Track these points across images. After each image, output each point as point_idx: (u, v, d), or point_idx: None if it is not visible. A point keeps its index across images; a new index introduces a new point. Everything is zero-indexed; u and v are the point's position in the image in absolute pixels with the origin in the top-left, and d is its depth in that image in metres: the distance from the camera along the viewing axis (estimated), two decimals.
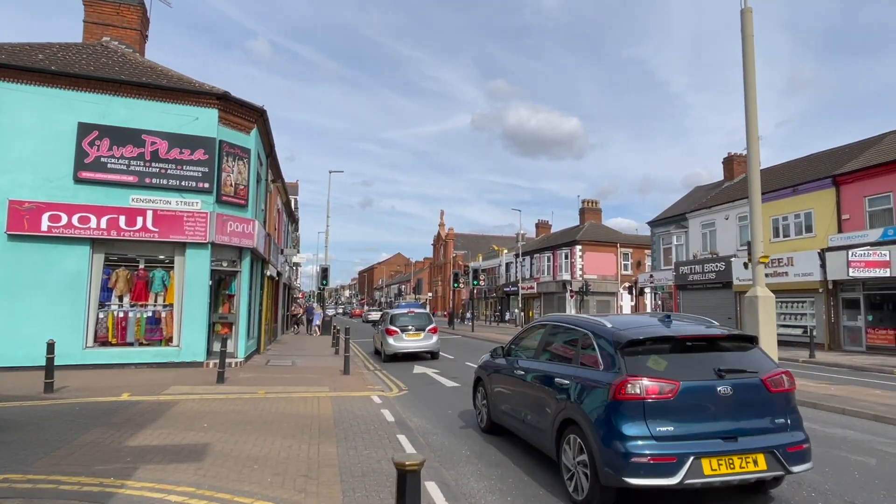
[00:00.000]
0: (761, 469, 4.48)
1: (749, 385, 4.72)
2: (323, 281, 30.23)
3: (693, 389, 4.57)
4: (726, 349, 5.09)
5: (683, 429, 4.49)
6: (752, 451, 4.48)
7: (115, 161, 13.01)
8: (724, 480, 4.42)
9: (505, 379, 6.98)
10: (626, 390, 4.54)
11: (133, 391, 9.93)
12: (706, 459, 4.37)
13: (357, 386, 11.39)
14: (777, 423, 4.71)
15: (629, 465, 4.35)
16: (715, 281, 28.90)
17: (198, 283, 13.53)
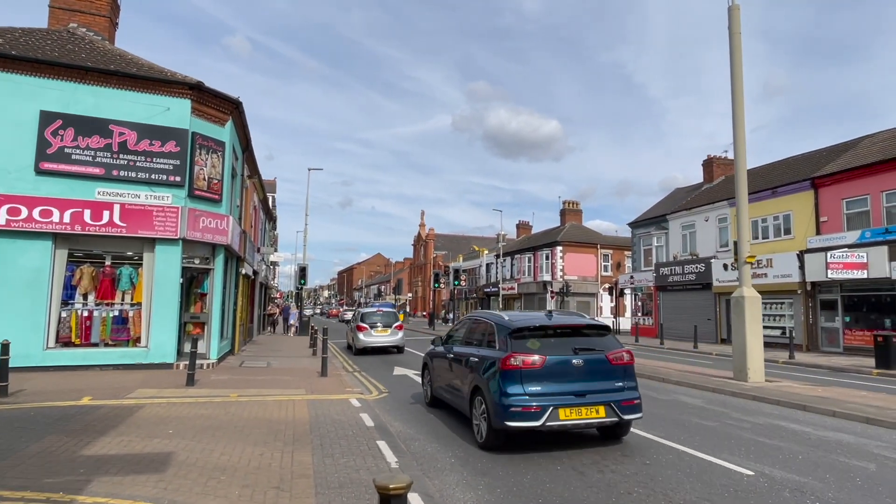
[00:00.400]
0: (602, 416, 6.46)
1: (596, 359, 6.69)
2: (301, 280, 29.57)
3: (555, 361, 6.55)
4: (587, 335, 7.08)
5: (547, 388, 6.42)
6: (596, 404, 6.43)
7: (79, 152, 12.35)
8: (575, 424, 6.42)
9: (441, 361, 8.90)
10: (510, 363, 6.51)
11: (95, 395, 9.34)
12: (562, 409, 6.31)
13: (335, 388, 10.94)
14: (616, 385, 6.67)
15: (508, 413, 6.28)
16: (695, 282, 29.00)
17: (168, 281, 12.93)
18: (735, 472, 5.72)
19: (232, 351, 17.12)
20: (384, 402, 10.07)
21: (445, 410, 9.11)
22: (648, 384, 12.21)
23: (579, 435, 7.38)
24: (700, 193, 32.74)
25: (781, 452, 6.51)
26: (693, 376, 12.83)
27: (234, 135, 15.58)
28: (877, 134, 24.93)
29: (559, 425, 6.31)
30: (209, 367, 13.48)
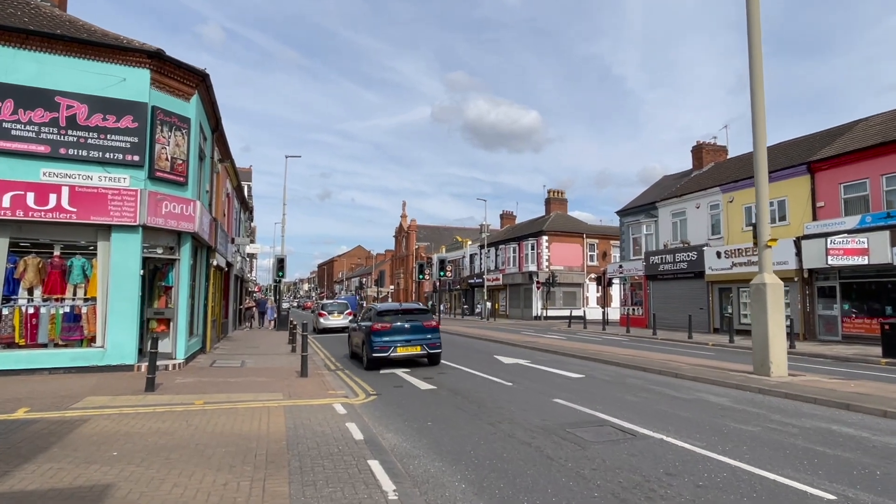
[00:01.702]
0: (420, 351, 13.38)
1: (417, 324, 13.53)
2: (279, 273, 28.12)
3: (396, 326, 13.34)
4: (415, 312, 14.17)
5: (391, 338, 13.13)
6: (416, 345, 13.32)
7: (20, 127, 10.85)
8: (406, 355, 13.30)
9: (355, 332, 15.59)
10: (375, 327, 13.29)
11: (34, 405, 7.99)
12: (399, 347, 13.12)
13: (316, 391, 9.72)
14: (427, 337, 13.46)
15: (374, 350, 13.02)
16: (686, 271, 28.27)
17: (126, 273, 11.53)
18: (813, 496, 4.67)
19: (203, 349, 15.75)
20: (373, 407, 8.88)
21: (445, 418, 7.98)
22: (664, 381, 11.23)
23: None
24: (690, 180, 32.02)
25: (852, 466, 5.50)
26: (708, 371, 11.87)
27: (202, 111, 14.14)
28: (871, 117, 24.35)
29: (397, 356, 13.27)
30: (175, 369, 12.14)
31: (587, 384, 10.77)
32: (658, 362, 13.48)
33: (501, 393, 9.89)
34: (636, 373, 12.36)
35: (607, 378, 11.56)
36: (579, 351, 16.55)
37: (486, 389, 10.31)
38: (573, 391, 9.96)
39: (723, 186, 27.06)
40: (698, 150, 33.38)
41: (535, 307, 44.33)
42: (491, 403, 8.91)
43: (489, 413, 8.18)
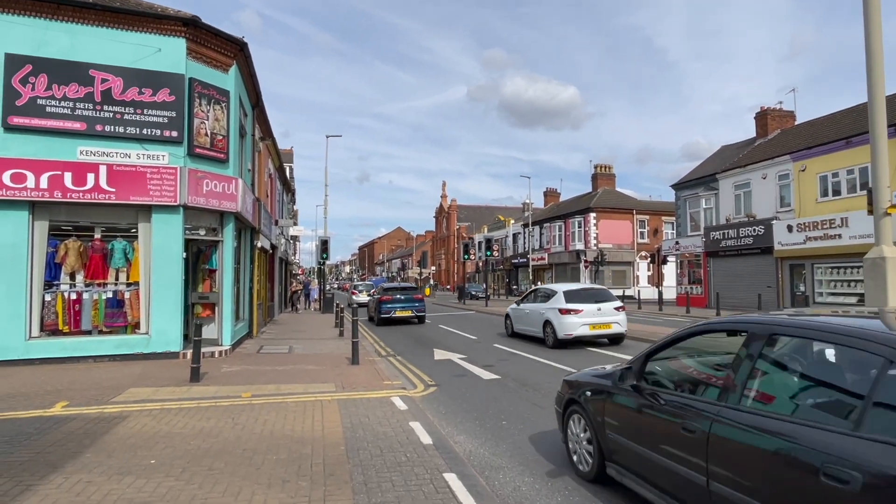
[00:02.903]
0: (411, 314, 21.57)
1: (409, 296, 22.04)
2: (323, 254, 27.61)
3: (395, 297, 21.85)
4: (409, 289, 23.07)
5: (392, 305, 21.44)
6: (408, 309, 21.51)
7: (55, 103, 10.28)
8: (401, 316, 21.45)
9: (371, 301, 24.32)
10: (382, 298, 21.78)
11: (73, 399, 7.42)
12: (398, 311, 21.42)
13: (370, 381, 8.90)
14: (415, 305, 21.76)
15: (381, 312, 21.36)
16: (752, 246, 26.32)
17: (169, 256, 10.95)
18: None
19: (250, 334, 15.25)
20: (435, 401, 7.98)
21: (520, 416, 7.01)
22: None
23: None
24: (754, 149, 29.75)
25: None
26: None
27: (241, 84, 13.37)
28: None
29: (396, 316, 21.23)
30: (222, 356, 11.57)
31: None
32: None
33: None
34: None
35: None
36: (649, 335, 15.26)
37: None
38: None
39: (794, 154, 24.88)
40: (762, 117, 30.94)
41: None
42: None
43: None
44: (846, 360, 2.98)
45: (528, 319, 15.07)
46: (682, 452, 3.41)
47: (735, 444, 3.04)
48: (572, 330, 13.12)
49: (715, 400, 3.31)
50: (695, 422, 3.33)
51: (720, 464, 3.10)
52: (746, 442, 2.97)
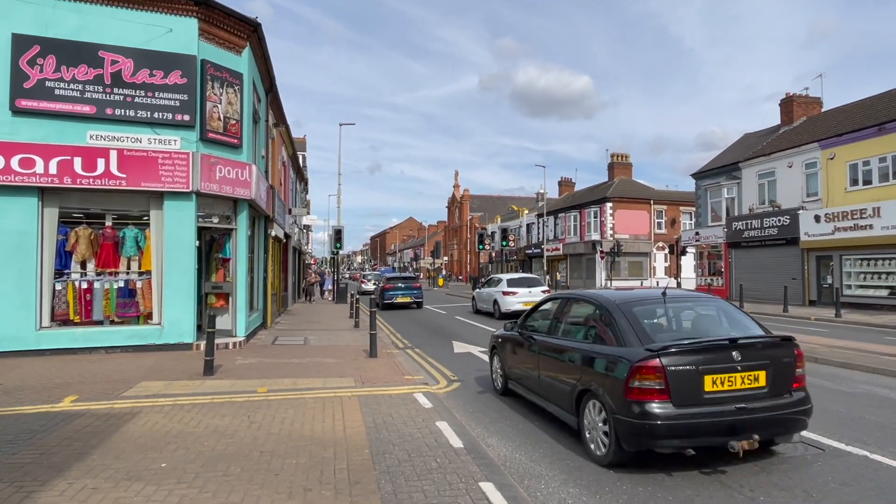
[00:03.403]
0: (410, 300, 24.45)
1: (409, 285, 25.16)
2: (336, 244, 27.29)
3: (397, 285, 24.97)
4: (408, 278, 26.40)
5: (394, 292, 24.49)
6: (408, 296, 24.51)
7: (64, 86, 9.93)
8: (402, 301, 24.29)
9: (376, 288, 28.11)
10: (385, 286, 25.14)
11: (83, 393, 7.11)
12: (399, 297, 24.34)
13: (390, 375, 8.51)
14: (414, 292, 24.76)
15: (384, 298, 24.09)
16: (777, 237, 25.57)
17: (181, 244, 10.61)
18: None
19: (264, 325, 14.94)
20: (460, 398, 7.57)
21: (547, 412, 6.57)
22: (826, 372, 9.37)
23: None
24: (778, 137, 28.86)
25: None
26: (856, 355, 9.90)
27: (254, 67, 12.95)
28: None
29: (397, 301, 24.06)
30: (236, 347, 11.25)
31: None
32: None
33: None
34: None
35: None
36: None
37: None
38: None
39: (822, 142, 24.03)
40: (788, 104, 29.98)
41: (599, 278, 42.14)
42: None
43: None
44: (602, 311, 5.47)
45: (484, 299, 20.94)
46: (531, 363, 6.44)
47: (548, 354, 6.03)
48: (511, 306, 18.41)
49: (545, 333, 6.37)
50: (535, 345, 6.40)
51: (543, 364, 6.11)
52: (552, 352, 5.96)
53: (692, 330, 5.43)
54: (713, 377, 4.49)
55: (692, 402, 4.45)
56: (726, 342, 4.66)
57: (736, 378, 4.53)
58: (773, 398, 4.61)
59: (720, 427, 4.40)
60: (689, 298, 6.09)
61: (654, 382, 4.43)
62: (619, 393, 4.58)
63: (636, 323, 4.97)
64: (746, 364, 4.56)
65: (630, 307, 5.22)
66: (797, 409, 4.66)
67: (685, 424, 4.39)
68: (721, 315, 5.48)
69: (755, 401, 4.51)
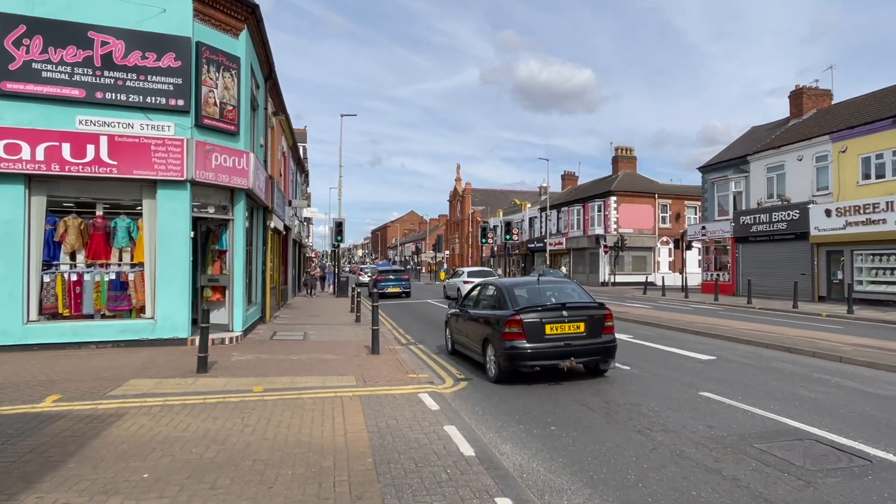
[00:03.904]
0: (399, 290, 28.08)
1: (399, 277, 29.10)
2: (338, 237, 26.82)
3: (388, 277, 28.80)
4: (398, 271, 31.43)
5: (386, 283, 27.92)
6: (397, 286, 28.12)
7: (52, 68, 9.45)
8: (392, 291, 27.70)
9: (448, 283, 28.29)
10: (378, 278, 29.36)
11: (67, 392, 6.68)
12: (390, 288, 27.64)
13: (394, 374, 8.08)
14: (403, 283, 28.55)
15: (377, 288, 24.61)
16: (785, 231, 25.09)
17: (175, 235, 10.16)
18: None
19: (263, 319, 14.52)
20: (468, 398, 7.13)
21: (571, 419, 6.13)
22: (829, 367, 8.80)
23: None
24: (788, 130, 28.32)
25: None
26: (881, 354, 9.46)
27: (252, 52, 12.45)
28: None
29: (388, 291, 27.07)
30: (233, 342, 10.83)
31: (727, 370, 8.65)
32: (802, 341, 11.10)
33: (624, 381, 7.94)
34: (781, 354, 10.08)
35: (748, 361, 9.38)
36: (685, 324, 14.31)
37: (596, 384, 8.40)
38: (716, 380, 7.89)
39: (833, 134, 23.50)
40: (797, 96, 29.43)
41: (603, 273, 41.71)
42: (621, 397, 6.98)
43: (626, 412, 6.27)
44: (497, 291, 8.46)
45: (451, 286, 26.06)
46: (463, 329, 9.17)
47: (472, 321, 8.81)
48: None
49: (471, 308, 9.08)
50: (467, 316, 9.08)
51: (470, 328, 8.89)
52: (473, 320, 8.81)
53: (549, 300, 8.09)
54: (551, 325, 7.53)
55: (538, 340, 7.46)
56: (559, 305, 7.74)
57: (565, 326, 7.59)
58: (589, 339, 7.62)
59: (554, 354, 7.43)
60: (554, 282, 9.19)
61: (516, 329, 7.44)
62: (499, 337, 7.65)
63: (512, 297, 8.09)
64: (571, 318, 7.61)
65: (511, 288, 8.41)
66: (605, 346, 7.77)
67: (534, 352, 7.41)
68: (571, 292, 8.59)
69: (576, 340, 7.54)
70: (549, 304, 7.72)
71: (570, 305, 7.73)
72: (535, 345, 7.37)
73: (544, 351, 7.38)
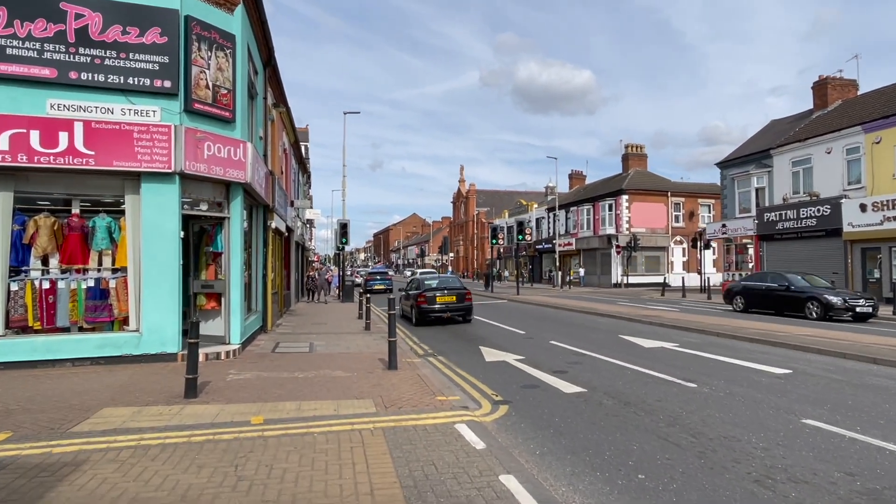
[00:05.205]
0: (384, 288, 34.05)
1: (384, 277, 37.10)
2: (342, 239, 25.53)
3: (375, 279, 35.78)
4: (383, 272, 39.21)
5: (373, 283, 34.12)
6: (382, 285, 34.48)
7: (18, 44, 8.19)
8: (379, 288, 33.60)
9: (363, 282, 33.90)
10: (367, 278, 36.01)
11: (21, 427, 5.39)
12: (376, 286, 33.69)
13: (418, 395, 6.79)
14: (388, 282, 35.27)
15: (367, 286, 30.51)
16: (815, 228, 23.78)
17: (162, 235, 8.89)
18: None
19: (264, 328, 13.23)
20: (516, 430, 5.81)
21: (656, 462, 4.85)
22: None
23: None
24: (812, 122, 27.02)
25: None
26: None
27: (249, 32, 11.20)
28: None
29: (375, 289, 32.45)
30: (230, 357, 9.54)
31: (814, 387, 7.31)
32: (886, 350, 9.74)
33: (698, 403, 6.61)
34: (867, 366, 8.68)
35: (834, 375, 8.03)
36: (733, 329, 12.94)
37: (662, 393, 7.09)
38: (811, 401, 6.56)
39: (866, 125, 22.19)
40: (821, 87, 28.12)
41: (615, 273, 40.35)
42: (705, 426, 5.67)
43: (724, 450, 4.95)
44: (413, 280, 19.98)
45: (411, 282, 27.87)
46: (407, 302, 17.86)
47: (408, 297, 17.71)
48: None
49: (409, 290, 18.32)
50: (406, 295, 18.36)
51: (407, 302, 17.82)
52: (408, 297, 17.82)
53: (440, 285, 16.65)
54: (439, 297, 15.79)
55: (432, 304, 15.68)
56: (443, 287, 16.41)
57: (446, 298, 15.82)
58: (458, 304, 15.86)
59: (442, 312, 15.65)
60: (444, 278, 18.37)
61: (423, 299, 15.88)
62: (415, 302, 16.01)
63: (423, 283, 16.90)
64: (449, 293, 15.94)
65: (423, 278, 17.94)
66: (466, 307, 16.09)
67: (430, 310, 15.70)
68: (452, 282, 17.23)
69: (452, 305, 15.75)
70: (437, 286, 16.46)
71: (448, 287, 16.42)
72: (431, 306, 15.67)
73: (436, 311, 15.74)
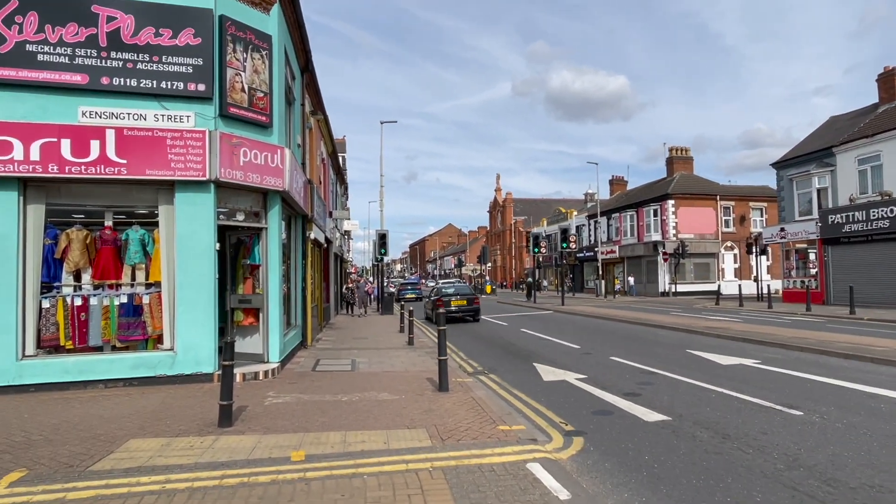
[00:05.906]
0: (415, 297, 40.93)
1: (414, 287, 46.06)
2: (381, 250, 25.01)
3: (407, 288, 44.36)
4: (414, 283, 51.21)
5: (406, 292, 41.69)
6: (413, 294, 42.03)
7: (49, 50, 7.84)
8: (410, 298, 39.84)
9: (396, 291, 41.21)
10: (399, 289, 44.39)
11: (39, 462, 4.82)
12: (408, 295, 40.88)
13: (476, 423, 5.97)
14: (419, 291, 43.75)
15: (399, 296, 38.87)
16: (887, 231, 21.96)
17: (198, 248, 8.37)
18: None
19: (304, 343, 12.65)
20: (598, 468, 4.92)
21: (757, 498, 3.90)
22: None
23: None
24: (880, 116, 25.16)
25: None
26: None
27: (286, 33, 10.72)
28: None
29: (406, 298, 38.70)
30: (269, 377, 8.92)
31: None
32: None
33: (814, 438, 5.53)
34: None
35: None
36: (817, 343, 11.62)
37: (765, 424, 6.06)
38: None
39: None
40: (888, 79, 26.20)
41: (662, 282, 38.64)
42: (834, 468, 4.66)
43: None
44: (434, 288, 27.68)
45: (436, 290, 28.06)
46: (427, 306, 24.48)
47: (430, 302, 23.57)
48: None
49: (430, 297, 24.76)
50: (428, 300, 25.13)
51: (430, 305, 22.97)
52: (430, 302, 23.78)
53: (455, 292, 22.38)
54: (454, 301, 21.14)
55: (448, 307, 20.58)
56: (455, 292, 22.27)
57: (460, 302, 21.25)
58: (469, 307, 21.17)
59: (456, 314, 20.83)
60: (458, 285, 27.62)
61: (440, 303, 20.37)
62: (435, 306, 19.60)
63: (440, 291, 22.79)
64: (461, 299, 21.45)
65: (441, 287, 24.98)
66: (476, 311, 21.46)
67: (448, 311, 19.51)
68: (466, 289, 24.61)
69: (463, 308, 21.07)
70: (453, 293, 21.73)
71: (460, 294, 21.88)
72: (447, 309, 19.54)
73: (453, 312, 20.28)
